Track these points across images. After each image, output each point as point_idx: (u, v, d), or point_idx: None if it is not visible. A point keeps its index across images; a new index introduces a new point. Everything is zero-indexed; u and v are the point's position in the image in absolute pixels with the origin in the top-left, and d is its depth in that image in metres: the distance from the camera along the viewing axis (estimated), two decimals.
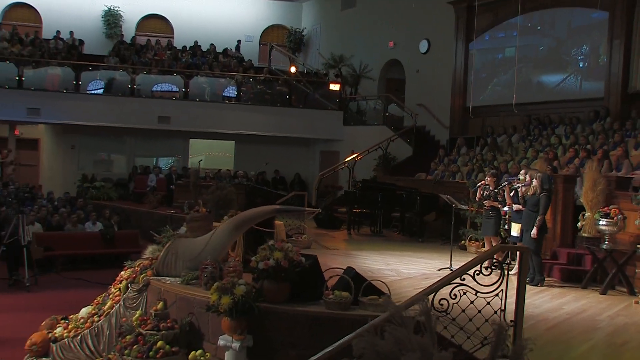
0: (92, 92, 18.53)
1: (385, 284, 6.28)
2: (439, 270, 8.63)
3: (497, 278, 4.90)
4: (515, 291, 4.86)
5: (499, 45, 16.55)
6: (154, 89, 18.86)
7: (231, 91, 19.14)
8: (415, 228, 12.07)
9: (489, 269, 5.00)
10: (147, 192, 17.69)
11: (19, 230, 10.66)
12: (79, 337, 7.25)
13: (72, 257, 12.69)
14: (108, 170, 20.19)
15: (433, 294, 4.84)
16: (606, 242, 7.97)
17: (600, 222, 8.02)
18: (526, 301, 5.01)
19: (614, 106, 13.75)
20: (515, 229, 8.54)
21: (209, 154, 20.24)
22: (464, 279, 4.86)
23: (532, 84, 15.55)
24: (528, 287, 7.88)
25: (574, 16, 14.93)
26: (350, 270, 6.47)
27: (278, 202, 9.89)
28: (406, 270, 8.60)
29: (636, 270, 7.93)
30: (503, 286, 4.86)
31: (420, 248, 11.01)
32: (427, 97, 18.10)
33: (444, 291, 4.93)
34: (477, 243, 10.52)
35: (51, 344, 7.31)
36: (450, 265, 8.70)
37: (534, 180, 8.16)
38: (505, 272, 5.01)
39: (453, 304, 4.81)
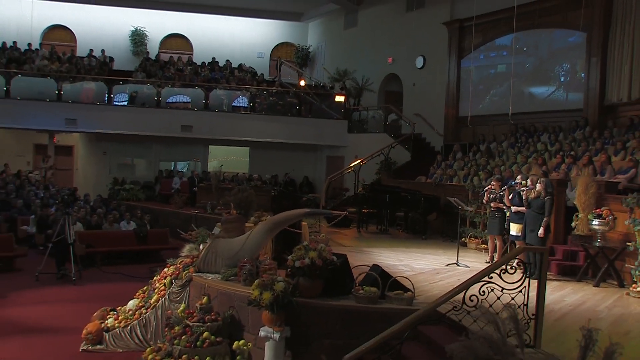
0: (118, 104, 18.45)
1: (410, 280, 6.24)
2: (447, 265, 8.60)
3: (521, 276, 4.82)
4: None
5: (491, 62, 16.47)
6: (169, 100, 18.77)
7: (241, 101, 19.02)
8: (417, 226, 11.98)
9: (514, 268, 4.92)
10: (172, 193, 17.60)
11: (65, 229, 10.60)
12: (128, 328, 7.26)
13: (110, 253, 12.53)
14: (135, 173, 20.04)
15: (464, 291, 4.77)
16: (598, 240, 7.93)
17: (594, 222, 7.99)
18: (531, 293, 4.98)
19: (592, 116, 13.73)
20: (514, 229, 8.46)
21: (225, 159, 20.14)
22: (491, 277, 4.78)
23: (520, 96, 15.44)
24: (533, 281, 7.90)
25: (553, 39, 14.98)
26: (376, 268, 6.41)
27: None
28: (418, 265, 8.52)
29: (625, 265, 7.90)
30: (526, 283, 4.80)
31: (425, 244, 10.94)
32: (423, 107, 17.99)
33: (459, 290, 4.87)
34: (477, 240, 10.50)
35: (104, 333, 7.28)
36: (457, 261, 8.65)
37: (537, 184, 8.11)
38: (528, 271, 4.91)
39: (482, 299, 4.72)
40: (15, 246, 11.79)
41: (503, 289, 4.75)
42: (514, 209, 8.48)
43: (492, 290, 4.74)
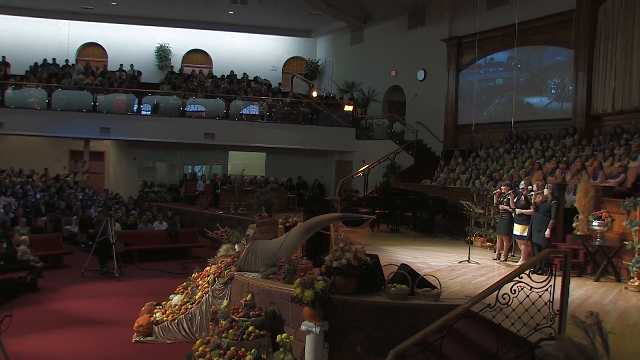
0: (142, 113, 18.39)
1: (437, 278, 6.22)
2: (459, 262, 8.54)
3: (547, 276, 4.81)
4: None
5: (488, 77, 16.38)
6: (186, 109, 18.65)
7: (252, 109, 18.85)
8: (425, 225, 11.91)
9: (542, 269, 4.90)
10: (196, 195, 17.57)
11: (107, 230, 10.65)
12: (176, 321, 7.27)
13: (145, 250, 12.55)
14: (162, 177, 19.97)
15: (497, 290, 4.75)
16: (598, 239, 7.91)
17: (594, 223, 7.95)
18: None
19: (580, 125, 13.68)
20: (518, 229, 8.46)
21: (243, 162, 20.03)
22: (521, 277, 4.76)
23: (514, 106, 15.41)
24: (540, 277, 7.88)
25: (543, 58, 14.94)
26: (405, 267, 6.37)
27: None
28: (434, 263, 8.44)
29: (623, 262, 7.90)
30: (552, 282, 4.78)
31: (433, 242, 10.86)
32: (424, 116, 17.93)
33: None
34: (482, 238, 10.46)
35: (154, 326, 7.29)
36: (469, 258, 8.63)
37: (545, 189, 8.12)
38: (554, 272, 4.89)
39: (513, 297, 4.70)
40: (62, 244, 11.82)
41: (532, 287, 4.74)
42: (518, 211, 8.46)
43: (522, 289, 4.71)
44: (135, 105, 18.08)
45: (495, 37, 15.44)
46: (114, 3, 19.23)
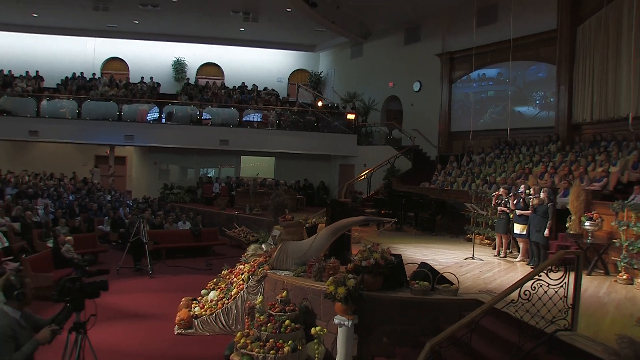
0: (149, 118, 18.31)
1: (455, 275, 6.32)
2: (465, 259, 8.61)
3: (562, 274, 4.89)
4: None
5: (479, 89, 16.44)
6: (203, 117, 18.50)
7: (253, 117, 18.71)
8: (426, 224, 11.96)
9: (557, 268, 4.98)
10: (212, 196, 17.53)
11: (140, 230, 10.63)
12: (213, 315, 7.28)
13: (171, 249, 12.50)
14: (181, 179, 19.91)
15: (519, 288, 4.81)
16: (589, 238, 8.05)
17: (586, 223, 8.10)
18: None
19: (562, 133, 13.82)
20: (518, 228, 8.60)
21: (254, 166, 20.02)
22: (540, 276, 4.85)
23: (503, 115, 15.50)
24: (556, 274, 7.96)
25: (527, 74, 15.05)
26: (425, 265, 6.46)
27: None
28: (443, 260, 8.48)
29: (611, 258, 8.05)
30: (566, 280, 4.88)
31: (436, 240, 10.91)
32: (420, 123, 17.98)
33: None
34: (481, 237, 10.55)
35: (193, 319, 7.30)
36: (473, 255, 8.73)
37: (541, 193, 8.24)
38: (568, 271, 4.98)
39: (533, 294, 4.77)
40: (98, 243, 11.79)
41: (549, 284, 4.83)
42: (518, 212, 8.58)
43: (540, 286, 4.79)
44: (155, 114, 17.99)
45: (484, 52, 15.58)
46: (137, 22, 19.17)
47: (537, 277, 4.82)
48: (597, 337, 4.76)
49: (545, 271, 4.86)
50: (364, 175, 15.79)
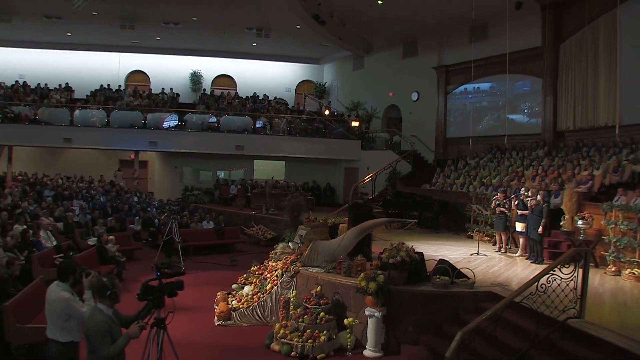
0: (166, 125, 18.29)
1: (471, 270, 6.51)
2: (471, 255, 8.79)
3: (572, 269, 5.05)
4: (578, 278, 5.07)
5: (473, 100, 16.58)
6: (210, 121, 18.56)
7: (258, 123, 18.77)
8: (430, 223, 12.11)
9: (568, 263, 5.15)
10: (230, 197, 17.62)
11: (172, 230, 10.67)
12: (250, 308, 7.38)
13: (198, 246, 12.48)
14: (199, 181, 19.94)
15: (536, 282, 4.99)
16: (582, 235, 8.26)
17: (579, 222, 8.29)
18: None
19: (548, 139, 14.03)
20: (519, 226, 8.79)
21: (266, 169, 20.08)
22: (554, 271, 5.02)
23: (497, 123, 15.67)
24: (536, 266, 8.20)
25: (515, 87, 15.20)
26: (444, 262, 6.63)
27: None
28: (452, 255, 8.57)
29: (600, 252, 8.27)
30: (576, 274, 5.05)
31: (440, 237, 11.00)
32: (418, 130, 18.11)
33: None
34: (481, 234, 10.67)
35: (232, 311, 7.39)
36: (478, 251, 8.91)
37: (537, 195, 8.46)
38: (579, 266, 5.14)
39: (548, 287, 4.95)
40: (132, 241, 11.85)
41: (561, 278, 5.02)
42: (519, 212, 8.78)
43: (554, 280, 4.96)
44: (172, 121, 18.01)
45: (477, 66, 15.71)
46: (158, 38, 19.24)
47: (552, 272, 5.02)
48: (601, 323, 4.99)
49: (559, 267, 5.06)
50: (369, 177, 15.95)
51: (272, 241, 13.60)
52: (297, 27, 17.12)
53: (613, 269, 7.74)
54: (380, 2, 14.15)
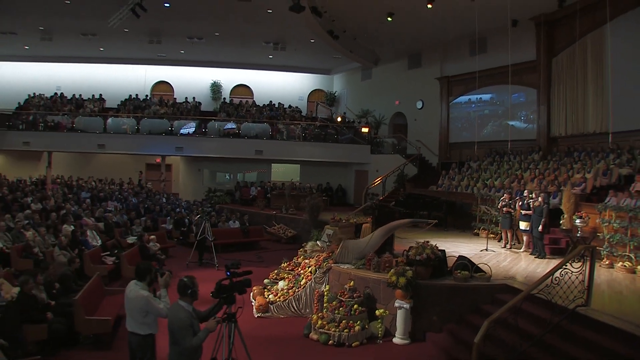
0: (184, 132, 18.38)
1: (488, 265, 6.82)
2: (481, 251, 9.06)
3: (582, 264, 5.38)
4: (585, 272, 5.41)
5: (474, 109, 16.75)
6: (226, 127, 18.61)
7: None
8: (438, 222, 12.28)
9: (578, 258, 5.45)
10: (250, 198, 17.85)
11: (205, 230, 10.74)
12: (286, 301, 7.61)
13: (225, 244, 12.57)
14: (215, 182, 20.10)
15: (551, 276, 5.31)
16: (579, 232, 8.52)
17: (577, 221, 8.55)
18: (548, 269, 5.50)
19: (543, 144, 14.28)
20: (523, 225, 9.08)
21: (282, 171, 20.25)
22: (566, 266, 5.33)
23: (497, 129, 15.89)
24: (539, 260, 8.50)
25: (512, 98, 15.31)
26: (463, 258, 6.94)
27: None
28: (464, 251, 8.68)
29: (597, 248, 8.51)
30: (585, 268, 5.38)
31: (448, 235, 11.15)
32: (422, 135, 18.30)
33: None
34: (487, 231, 10.93)
35: (269, 305, 7.63)
36: (487, 247, 9.19)
37: (539, 197, 8.78)
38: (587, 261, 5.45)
39: (559, 279, 5.28)
40: (167, 240, 12.09)
41: (572, 272, 5.34)
42: (523, 212, 9.08)
43: (566, 273, 5.30)
44: (190, 128, 18.22)
45: (477, 77, 16.00)
46: (182, 51, 19.54)
47: (564, 266, 5.34)
48: (604, 310, 5.35)
49: (570, 262, 5.39)
50: (379, 180, 16.23)
51: (292, 239, 13.91)
52: (312, 40, 17.41)
53: (607, 262, 8.10)
54: (389, 19, 14.44)
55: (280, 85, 22.90)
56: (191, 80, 21.93)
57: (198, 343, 3.69)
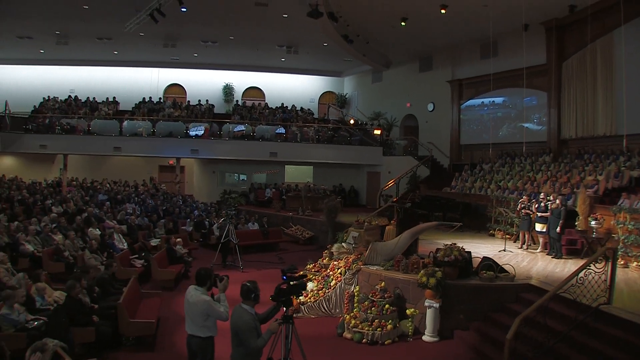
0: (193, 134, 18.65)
1: (511, 265, 7.22)
2: (499, 251, 9.37)
3: (604, 264, 5.76)
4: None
5: (487, 112, 17.00)
6: (236, 129, 18.94)
7: (280, 130, 19.12)
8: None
9: (600, 259, 5.85)
10: (265, 200, 18.17)
11: (229, 233, 10.98)
12: (317, 302, 7.92)
13: (246, 246, 12.57)
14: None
15: (575, 276, 5.71)
16: (594, 233, 8.97)
17: (592, 222, 9.02)
18: (566, 268, 5.79)
19: (554, 147, 14.56)
20: (539, 227, 9.45)
21: (295, 172, 20.54)
22: (590, 266, 5.71)
23: (510, 131, 16.15)
24: (557, 260, 8.87)
25: (525, 101, 15.53)
26: (487, 259, 7.30)
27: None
28: (483, 252, 8.85)
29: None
30: (607, 268, 5.75)
31: (465, 235, 11.20)
32: (434, 137, 18.56)
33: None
34: (502, 232, 11.24)
35: (300, 305, 7.89)
36: (505, 248, 9.56)
37: (557, 199, 9.19)
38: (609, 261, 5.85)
39: (584, 278, 5.67)
40: (189, 242, 12.34)
41: (595, 272, 5.72)
42: (539, 214, 9.45)
43: (589, 273, 5.67)
44: (199, 131, 18.54)
45: (488, 80, 16.34)
46: (196, 55, 19.91)
47: (588, 267, 5.74)
48: (625, 307, 5.70)
49: (593, 262, 5.80)
50: (392, 182, 16.59)
51: (310, 240, 14.30)
52: (325, 44, 17.78)
53: (622, 262, 8.36)
54: (403, 23, 14.82)
55: (291, 87, 23.17)
56: (203, 82, 22.26)
57: (263, 344, 3.89)
